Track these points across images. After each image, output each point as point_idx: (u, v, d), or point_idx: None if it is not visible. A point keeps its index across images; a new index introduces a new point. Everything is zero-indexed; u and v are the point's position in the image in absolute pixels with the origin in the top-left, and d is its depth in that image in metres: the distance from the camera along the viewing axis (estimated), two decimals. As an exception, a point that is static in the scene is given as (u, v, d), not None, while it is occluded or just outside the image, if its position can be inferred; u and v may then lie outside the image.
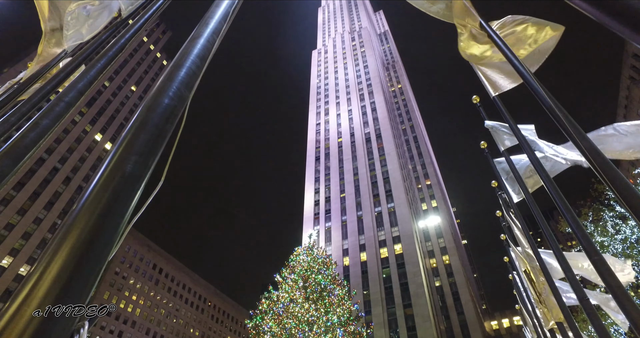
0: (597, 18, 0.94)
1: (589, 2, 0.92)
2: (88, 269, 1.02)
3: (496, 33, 6.16)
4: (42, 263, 0.99)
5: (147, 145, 1.29)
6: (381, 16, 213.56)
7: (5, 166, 2.04)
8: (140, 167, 1.23)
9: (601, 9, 0.88)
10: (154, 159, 1.28)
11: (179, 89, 1.54)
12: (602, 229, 29.18)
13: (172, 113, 1.44)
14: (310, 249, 35.54)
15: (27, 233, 75.27)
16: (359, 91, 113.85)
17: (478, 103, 9.65)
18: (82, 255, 1.01)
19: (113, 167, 1.20)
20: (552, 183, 6.38)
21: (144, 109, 1.41)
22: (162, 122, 1.37)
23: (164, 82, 1.55)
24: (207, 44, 1.89)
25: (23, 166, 2.27)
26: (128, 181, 1.18)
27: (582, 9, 0.94)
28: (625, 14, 0.82)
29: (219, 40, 2.02)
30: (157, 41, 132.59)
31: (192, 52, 1.77)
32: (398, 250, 73.52)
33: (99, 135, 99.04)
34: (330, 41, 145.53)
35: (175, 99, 1.49)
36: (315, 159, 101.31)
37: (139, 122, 1.34)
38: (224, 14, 2.17)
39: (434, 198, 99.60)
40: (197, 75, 1.70)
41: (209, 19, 2.07)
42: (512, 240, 14.89)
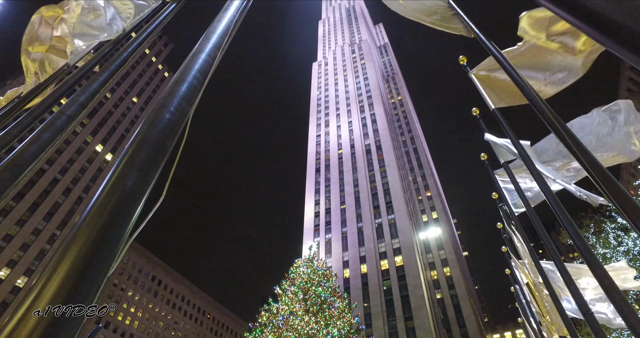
0: (592, 36, 0.91)
1: (581, 20, 0.93)
2: (88, 284, 1.02)
3: (495, 47, 6.22)
4: (43, 277, 0.99)
5: (148, 161, 1.29)
6: (381, 29, 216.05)
7: (5, 179, 2.04)
8: (140, 183, 1.23)
9: (595, 28, 0.85)
10: (154, 175, 1.28)
11: (180, 104, 1.54)
12: (604, 241, 28.97)
13: (174, 128, 1.45)
14: (311, 261, 35.29)
15: (25, 244, 74.84)
16: (359, 103, 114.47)
17: (478, 115, 9.69)
18: (82, 270, 1.01)
19: (114, 183, 1.20)
20: (553, 195, 6.36)
21: (145, 124, 1.42)
22: (163, 138, 1.37)
23: (165, 98, 1.56)
24: (209, 58, 1.91)
25: (24, 177, 2.27)
26: (128, 197, 1.18)
27: (576, 25, 0.96)
28: (619, 34, 0.79)
29: (221, 54, 2.04)
30: (159, 53, 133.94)
31: (193, 68, 1.78)
32: (399, 261, 72.99)
33: (99, 146, 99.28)
34: (330, 53, 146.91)
35: (176, 114, 1.49)
36: (315, 170, 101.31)
37: (140, 137, 1.34)
38: (226, 29, 2.19)
39: (434, 209, 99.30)
40: (198, 90, 1.71)
41: (210, 34, 2.10)
42: (513, 252, 14.79)
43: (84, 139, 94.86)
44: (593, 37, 0.92)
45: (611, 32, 0.81)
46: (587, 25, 0.89)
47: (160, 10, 5.59)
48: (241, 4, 2.56)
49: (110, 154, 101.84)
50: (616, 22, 0.78)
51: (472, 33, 6.82)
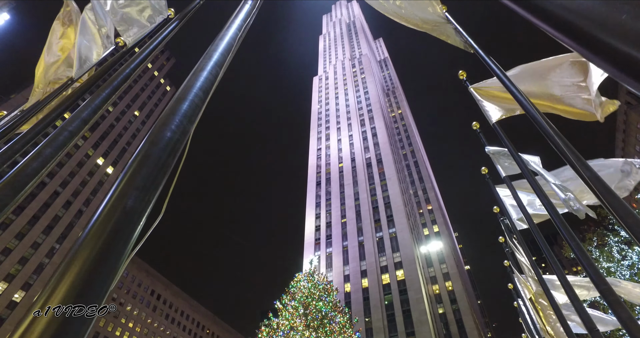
0: (585, 56, 0.94)
1: (574, 40, 0.91)
2: (90, 300, 1.02)
3: (495, 63, 6.28)
4: (44, 294, 1.00)
5: (149, 180, 1.30)
6: (381, 44, 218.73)
7: (6, 195, 2.04)
8: (140, 202, 1.23)
9: (585, 47, 0.88)
10: (154, 193, 1.28)
11: (182, 122, 1.55)
12: (608, 255, 28.68)
13: (175, 147, 1.45)
14: (311, 275, 34.99)
15: (24, 258, 74.24)
16: (360, 117, 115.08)
17: (478, 129, 9.72)
18: (83, 288, 1.02)
19: (114, 201, 1.20)
20: (554, 210, 6.33)
21: (146, 143, 1.43)
22: (164, 156, 1.38)
23: (166, 116, 1.57)
24: (211, 76, 1.93)
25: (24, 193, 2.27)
26: (128, 215, 1.18)
27: (567, 45, 0.97)
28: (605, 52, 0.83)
29: (222, 72, 2.06)
30: (161, 68, 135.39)
31: (195, 85, 1.80)
32: (400, 276, 72.28)
33: (101, 159, 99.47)
34: (331, 68, 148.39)
35: (177, 132, 1.50)
36: (316, 184, 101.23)
37: (141, 156, 1.35)
38: (228, 46, 2.22)
39: (435, 223, 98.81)
40: (199, 107, 1.72)
41: (212, 52, 2.12)
42: (515, 267, 14.63)
43: (85, 152, 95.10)
44: (570, 45, 0.99)
45: (595, 47, 0.84)
46: (565, 36, 0.92)
47: (163, 27, 5.67)
48: (243, 22, 2.60)
49: (111, 168, 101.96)
50: (598, 38, 0.81)
51: (471, 49, 6.90)
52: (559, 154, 4.15)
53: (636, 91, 0.80)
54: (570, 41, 0.91)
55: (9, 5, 32.70)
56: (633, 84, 0.78)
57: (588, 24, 0.83)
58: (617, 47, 0.76)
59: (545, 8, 0.98)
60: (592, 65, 5.48)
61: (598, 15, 0.81)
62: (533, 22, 1.11)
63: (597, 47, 0.82)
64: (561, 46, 1.03)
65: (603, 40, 0.80)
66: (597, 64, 0.86)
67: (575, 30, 0.88)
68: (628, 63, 0.75)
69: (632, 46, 0.73)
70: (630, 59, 0.74)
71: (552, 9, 0.95)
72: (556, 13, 0.93)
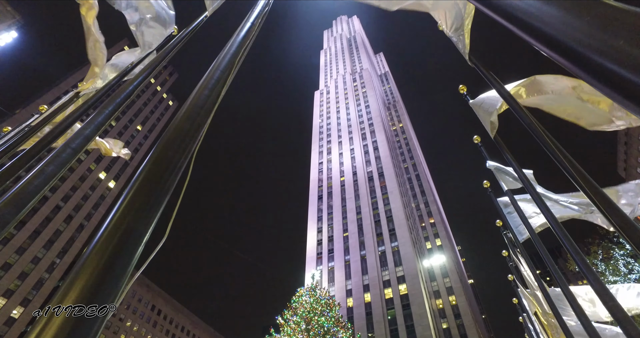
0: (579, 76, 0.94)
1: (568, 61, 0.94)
2: (91, 321, 1.03)
3: (495, 78, 6.33)
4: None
5: (150, 200, 1.29)
6: (381, 58, 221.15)
7: (7, 213, 2.04)
8: (141, 223, 1.23)
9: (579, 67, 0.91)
10: (156, 214, 1.28)
11: (184, 141, 1.56)
12: (614, 268, 28.30)
13: (177, 166, 1.46)
14: (313, 290, 34.64)
15: (24, 273, 73.74)
16: (361, 130, 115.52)
17: (479, 143, 9.73)
18: (84, 307, 1.02)
19: (116, 222, 1.20)
20: (558, 224, 6.29)
21: (148, 162, 1.43)
22: (166, 176, 1.38)
23: (169, 135, 1.58)
24: (213, 95, 1.94)
25: (26, 211, 2.27)
26: (129, 237, 1.18)
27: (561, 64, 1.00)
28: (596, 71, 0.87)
29: (225, 90, 2.08)
30: (164, 83, 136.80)
31: (197, 104, 1.81)
32: (403, 290, 71.40)
33: (103, 173, 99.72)
34: (332, 82, 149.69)
35: (179, 151, 1.51)
36: (317, 198, 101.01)
37: (143, 176, 1.35)
38: (230, 64, 2.25)
39: (438, 236, 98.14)
40: (202, 126, 1.73)
41: (215, 70, 2.15)
42: (520, 281, 14.46)
43: (88, 166, 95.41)
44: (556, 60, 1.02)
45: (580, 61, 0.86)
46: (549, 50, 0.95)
47: (167, 44, 5.75)
48: (245, 40, 2.64)
49: (113, 182, 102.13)
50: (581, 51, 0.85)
51: (472, 62, 6.96)
52: (562, 171, 4.14)
53: (635, 113, 0.82)
54: (570, 65, 0.93)
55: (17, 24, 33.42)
56: (631, 106, 0.80)
57: (587, 49, 0.85)
58: (615, 71, 0.78)
59: (545, 32, 1.00)
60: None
61: (596, 41, 0.83)
62: (533, 45, 1.13)
63: (596, 71, 0.84)
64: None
65: (602, 64, 0.82)
66: (596, 87, 0.88)
67: (574, 54, 0.90)
68: (626, 87, 0.77)
69: (630, 71, 0.75)
70: (628, 84, 0.76)
71: (552, 34, 0.97)
72: (556, 37, 0.95)
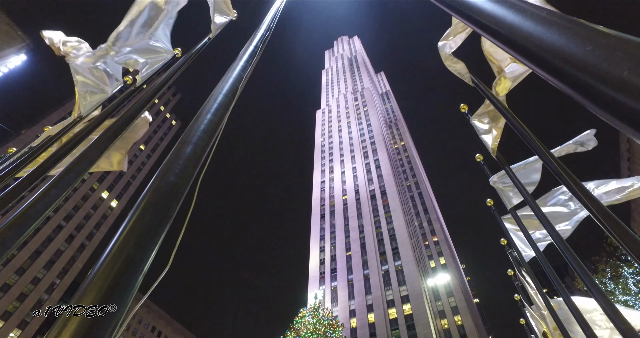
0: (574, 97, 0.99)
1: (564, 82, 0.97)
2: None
3: (493, 95, 6.39)
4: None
5: (152, 227, 1.28)
6: (382, 77, 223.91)
7: (8, 238, 2.03)
8: (142, 251, 1.21)
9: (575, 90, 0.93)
10: (157, 241, 1.26)
11: (186, 166, 1.56)
12: (624, 286, 27.70)
13: (178, 191, 1.45)
14: (316, 310, 34.08)
15: (23, 294, 72.85)
16: (363, 149, 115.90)
17: (482, 162, 9.73)
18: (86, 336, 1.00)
19: (116, 251, 1.18)
20: (563, 242, 6.21)
21: (150, 189, 1.42)
22: (168, 202, 1.37)
23: (170, 161, 1.58)
24: (215, 119, 1.95)
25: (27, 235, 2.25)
26: (129, 265, 1.16)
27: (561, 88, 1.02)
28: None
29: (227, 113, 2.10)
30: (168, 102, 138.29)
31: (199, 128, 1.82)
32: (407, 310, 70.11)
33: (105, 193, 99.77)
34: (334, 101, 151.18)
35: (181, 176, 1.50)
36: (320, 217, 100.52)
37: (144, 203, 1.34)
38: (232, 88, 2.27)
39: (442, 255, 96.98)
40: (204, 150, 1.73)
41: (217, 94, 2.17)
42: (526, 300, 14.18)
43: (91, 186, 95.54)
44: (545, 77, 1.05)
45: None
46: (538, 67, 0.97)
47: (171, 66, 5.85)
48: (247, 64, 2.68)
49: (115, 201, 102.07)
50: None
51: (472, 82, 7.04)
52: (568, 190, 4.12)
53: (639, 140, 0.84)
54: (573, 92, 0.94)
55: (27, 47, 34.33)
56: (636, 135, 0.82)
57: (590, 77, 0.86)
58: (618, 100, 0.80)
59: (546, 60, 1.01)
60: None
61: (599, 71, 0.84)
62: (534, 70, 1.14)
63: (598, 100, 0.86)
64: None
65: (605, 93, 0.83)
66: (601, 115, 0.89)
67: (577, 82, 0.91)
68: (630, 116, 0.78)
69: (633, 100, 0.76)
70: (631, 112, 0.77)
71: (554, 61, 0.98)
72: (558, 65, 0.97)
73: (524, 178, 8.57)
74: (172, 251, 1.57)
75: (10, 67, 36.01)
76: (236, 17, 7.01)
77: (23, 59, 35.47)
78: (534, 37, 1.10)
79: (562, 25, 1.02)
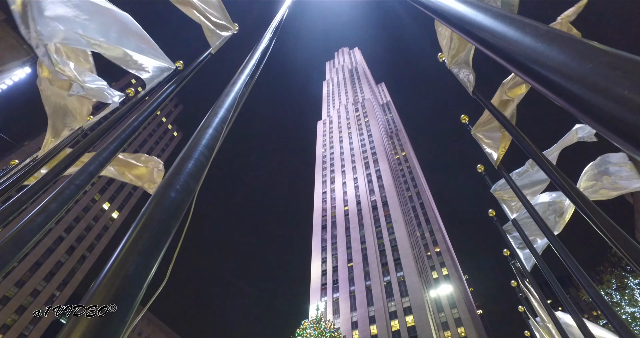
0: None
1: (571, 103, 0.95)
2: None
3: (494, 106, 6.41)
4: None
5: (151, 244, 1.27)
6: (383, 88, 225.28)
7: (7, 253, 2.01)
8: (143, 267, 1.21)
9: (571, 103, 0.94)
10: (157, 257, 1.26)
11: (187, 181, 1.56)
12: (630, 298, 27.30)
13: (179, 207, 1.45)
14: (318, 322, 33.75)
15: (21, 307, 72.22)
16: (364, 159, 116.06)
17: (483, 172, 9.72)
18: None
19: (115, 269, 1.17)
20: (567, 254, 6.17)
21: (150, 205, 1.42)
22: (168, 218, 1.37)
23: (171, 176, 1.57)
24: (216, 133, 1.96)
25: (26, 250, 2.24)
26: (130, 283, 1.15)
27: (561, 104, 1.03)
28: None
29: (227, 128, 2.10)
30: (169, 114, 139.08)
31: (200, 143, 1.82)
32: (410, 321, 69.33)
33: (107, 204, 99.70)
34: (334, 112, 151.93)
35: (182, 192, 1.50)
36: (321, 227, 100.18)
37: (145, 219, 1.33)
38: (233, 101, 2.28)
39: (444, 265, 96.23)
40: (204, 165, 1.73)
41: (217, 108, 2.18)
42: (530, 312, 14.02)
43: (92, 197, 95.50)
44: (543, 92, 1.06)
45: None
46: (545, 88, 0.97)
47: (172, 79, 5.89)
48: (248, 77, 2.70)
49: (116, 212, 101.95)
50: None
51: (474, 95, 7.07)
52: (571, 202, 4.11)
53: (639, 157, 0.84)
54: (577, 111, 0.95)
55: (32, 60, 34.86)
56: (636, 152, 0.82)
57: (590, 95, 0.86)
58: (621, 119, 0.80)
59: (546, 77, 1.01)
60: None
61: (600, 89, 0.84)
62: (534, 87, 1.15)
63: (601, 118, 0.86)
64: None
65: (606, 111, 0.83)
66: (601, 132, 0.89)
67: (577, 100, 0.92)
68: (630, 133, 0.79)
69: (633, 118, 0.77)
70: (633, 131, 0.78)
71: (554, 79, 0.98)
72: (558, 83, 0.97)
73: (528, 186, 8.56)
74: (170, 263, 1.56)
75: (15, 80, 36.46)
76: (237, 31, 7.08)
77: (27, 72, 35.96)
78: (531, 52, 1.10)
79: (562, 42, 1.02)
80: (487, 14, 1.43)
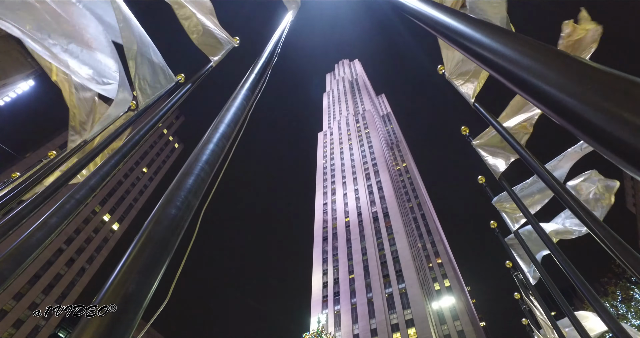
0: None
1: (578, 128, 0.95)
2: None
3: (495, 118, 6.44)
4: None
5: (152, 262, 1.26)
6: (383, 99, 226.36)
7: (6, 269, 2.00)
8: (143, 285, 1.19)
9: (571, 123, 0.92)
10: (157, 275, 1.25)
11: (187, 198, 1.55)
12: (636, 310, 26.89)
13: (179, 224, 1.44)
14: (319, 335, 33.31)
15: (19, 321, 71.28)
16: (365, 171, 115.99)
17: (484, 184, 9.71)
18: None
19: (116, 287, 1.16)
20: (570, 266, 6.12)
21: (150, 222, 1.41)
22: (168, 235, 1.36)
23: (171, 192, 1.57)
24: (217, 149, 1.96)
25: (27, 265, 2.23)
26: (129, 301, 1.14)
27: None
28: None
29: (229, 144, 2.10)
30: (171, 126, 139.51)
31: (201, 159, 1.82)
32: (412, 334, 68.40)
33: (107, 216, 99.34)
34: (335, 123, 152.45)
35: (182, 208, 1.50)
36: (322, 239, 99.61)
37: (145, 237, 1.33)
38: (235, 117, 2.28)
39: (446, 277, 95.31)
40: (205, 181, 1.73)
41: (219, 124, 2.18)
42: (534, 324, 13.84)
43: (92, 208, 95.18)
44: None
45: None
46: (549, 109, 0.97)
47: (174, 92, 5.93)
48: (249, 93, 2.71)
49: (117, 224, 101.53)
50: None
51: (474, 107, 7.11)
52: (572, 212, 4.10)
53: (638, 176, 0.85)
54: (579, 132, 0.95)
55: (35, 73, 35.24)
56: (636, 172, 0.83)
57: (590, 116, 0.87)
58: (621, 139, 0.80)
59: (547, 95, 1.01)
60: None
61: (599, 110, 0.85)
62: (533, 104, 1.15)
63: (602, 139, 0.86)
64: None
65: (606, 132, 0.83)
66: (602, 152, 0.90)
67: (576, 120, 0.92)
68: (633, 155, 0.79)
69: (633, 140, 0.77)
70: (634, 152, 0.78)
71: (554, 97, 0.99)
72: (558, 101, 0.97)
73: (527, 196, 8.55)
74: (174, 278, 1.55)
75: (18, 93, 36.74)
76: (238, 44, 7.15)
77: (31, 85, 36.26)
78: (531, 70, 1.11)
79: (563, 62, 1.02)
80: (486, 31, 1.44)
